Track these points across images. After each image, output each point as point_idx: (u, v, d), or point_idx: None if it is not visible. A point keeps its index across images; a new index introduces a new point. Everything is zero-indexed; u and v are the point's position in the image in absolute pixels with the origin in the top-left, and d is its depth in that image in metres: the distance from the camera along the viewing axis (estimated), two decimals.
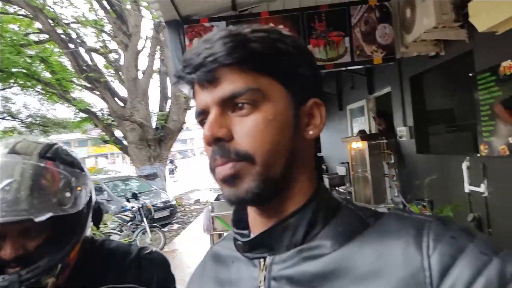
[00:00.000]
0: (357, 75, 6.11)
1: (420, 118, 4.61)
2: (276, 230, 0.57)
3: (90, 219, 0.95)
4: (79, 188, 0.88)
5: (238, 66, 0.54)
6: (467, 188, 3.57)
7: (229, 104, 0.54)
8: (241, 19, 3.77)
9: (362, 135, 5.52)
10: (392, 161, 4.81)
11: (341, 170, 6.87)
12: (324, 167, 8.49)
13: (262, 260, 0.59)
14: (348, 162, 5.82)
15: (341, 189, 6.22)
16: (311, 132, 0.58)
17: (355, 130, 7.04)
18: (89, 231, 0.96)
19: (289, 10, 3.78)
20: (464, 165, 3.58)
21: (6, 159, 0.81)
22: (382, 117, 5.56)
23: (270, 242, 0.58)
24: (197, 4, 3.68)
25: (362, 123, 6.62)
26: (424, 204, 3.80)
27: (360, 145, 5.00)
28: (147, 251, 1.03)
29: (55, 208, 0.80)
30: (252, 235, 0.61)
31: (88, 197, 0.92)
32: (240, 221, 0.66)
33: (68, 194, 0.84)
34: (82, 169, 0.93)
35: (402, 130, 4.81)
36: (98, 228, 1.03)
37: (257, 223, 0.61)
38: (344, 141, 5.65)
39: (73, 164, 0.90)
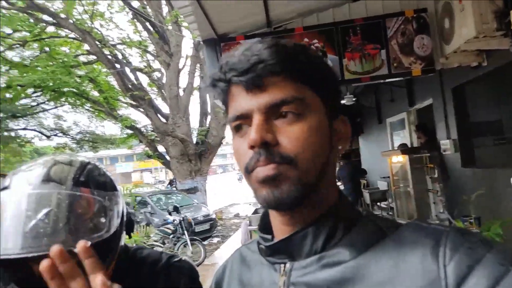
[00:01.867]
0: (396, 88, 5.98)
1: (464, 131, 4.43)
2: (296, 237, 0.59)
3: (124, 233, 0.98)
4: (112, 213, 0.88)
5: (286, 75, 0.56)
6: None
7: (274, 111, 0.56)
8: (276, 35, 3.82)
9: (403, 148, 5.36)
10: (436, 175, 4.62)
11: (382, 185, 6.69)
12: (364, 181, 8.29)
13: (282, 265, 0.61)
14: (389, 177, 5.67)
15: (383, 204, 6.05)
16: (340, 146, 0.63)
17: (396, 144, 6.86)
18: (123, 242, 0.99)
19: (323, 24, 3.79)
20: None
21: (42, 190, 0.81)
22: (421, 131, 5.38)
23: (291, 249, 0.60)
24: (233, 22, 3.77)
25: (403, 137, 6.44)
26: (471, 220, 3.62)
27: (401, 159, 4.86)
28: (176, 259, 1.06)
29: (91, 234, 0.81)
30: (275, 240, 0.62)
31: (121, 215, 0.92)
32: (266, 227, 0.68)
33: (103, 220, 0.85)
34: (114, 188, 0.93)
35: (445, 143, 4.64)
36: (130, 237, 1.06)
37: (281, 229, 0.62)
38: (384, 155, 5.51)
39: (106, 186, 0.91)
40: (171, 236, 8.05)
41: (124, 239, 1.00)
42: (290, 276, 0.59)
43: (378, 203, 5.99)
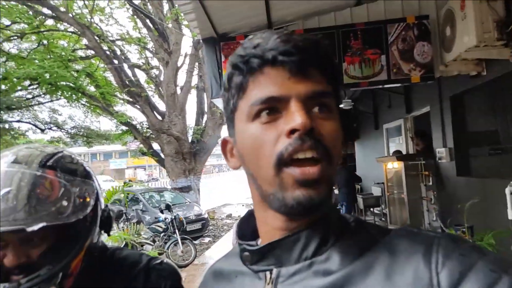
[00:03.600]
0: (394, 94, 5.99)
1: (460, 140, 4.43)
2: (288, 240, 0.56)
3: (96, 227, 0.93)
4: (79, 200, 0.86)
5: (323, 70, 0.56)
6: (511, 214, 3.36)
7: (311, 102, 0.54)
8: None
9: (398, 155, 5.37)
10: (430, 183, 4.62)
11: (376, 191, 6.69)
12: (358, 186, 8.30)
13: (268, 272, 0.57)
14: (383, 183, 5.67)
15: (376, 210, 6.05)
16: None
17: (392, 150, 6.88)
18: (97, 238, 0.95)
19: (324, 28, 3.78)
20: (508, 190, 3.38)
21: (7, 168, 0.81)
22: (419, 137, 5.38)
23: (280, 253, 0.56)
24: (234, 22, 3.76)
25: (399, 143, 6.45)
26: (464, 229, 3.61)
27: (396, 165, 4.86)
28: (157, 261, 1.01)
29: (51, 217, 0.79)
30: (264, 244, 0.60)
31: (91, 205, 0.89)
32: (244, 235, 0.65)
33: (65, 203, 0.82)
34: (86, 177, 0.91)
35: (441, 152, 4.64)
36: (108, 234, 1.00)
37: (272, 236, 0.58)
38: (379, 161, 5.51)
39: (76, 173, 0.89)
40: (161, 234, 8.00)
41: (98, 236, 0.96)
42: (277, 284, 0.56)
43: (372, 209, 5.99)
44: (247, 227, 0.66)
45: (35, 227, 0.76)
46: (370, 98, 7.48)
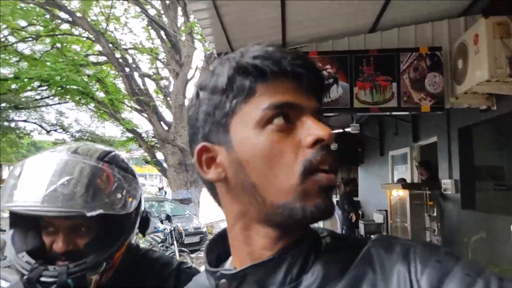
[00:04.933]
0: (402, 122, 5.99)
1: (467, 172, 4.40)
2: (271, 262, 0.52)
3: (137, 225, 1.00)
4: (129, 195, 0.94)
5: (323, 91, 0.57)
6: None
7: (315, 117, 0.54)
8: None
9: (403, 183, 5.33)
10: (435, 214, 4.58)
11: (378, 217, 6.63)
12: (360, 212, 8.23)
13: None
14: (386, 210, 5.62)
15: None
16: None
17: (396, 178, 6.82)
18: (135, 237, 1.02)
19: (337, 51, 3.81)
20: None
21: (68, 157, 0.89)
22: (424, 167, 5.36)
23: (262, 276, 0.52)
24: (250, 39, 3.80)
25: (404, 172, 6.41)
26: None
27: (401, 193, 4.82)
28: (187, 265, 1.07)
29: (106, 207, 0.86)
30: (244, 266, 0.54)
31: (137, 202, 0.97)
32: (211, 262, 0.61)
33: (119, 196, 0.90)
34: (134, 176, 0.99)
35: (447, 183, 4.61)
36: (144, 235, 1.08)
37: (253, 258, 0.54)
38: (384, 188, 5.47)
39: (127, 170, 0.97)
40: (159, 245, 7.92)
41: (136, 235, 1.04)
42: None
43: (372, 236, 5.92)
44: (212, 254, 0.62)
45: (94, 213, 0.83)
46: (377, 124, 7.47)
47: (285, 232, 0.53)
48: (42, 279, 0.83)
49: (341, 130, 7.36)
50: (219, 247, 0.62)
